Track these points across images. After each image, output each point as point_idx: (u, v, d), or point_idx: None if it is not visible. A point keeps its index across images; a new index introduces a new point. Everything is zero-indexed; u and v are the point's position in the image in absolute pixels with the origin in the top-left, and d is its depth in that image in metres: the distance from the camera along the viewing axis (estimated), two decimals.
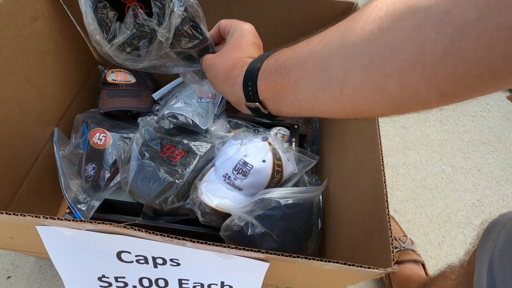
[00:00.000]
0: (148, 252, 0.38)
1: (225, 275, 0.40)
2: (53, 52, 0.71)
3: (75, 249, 0.39)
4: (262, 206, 0.58)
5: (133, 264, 0.39)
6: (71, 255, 0.41)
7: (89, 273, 0.42)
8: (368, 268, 0.31)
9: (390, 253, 0.32)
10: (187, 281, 0.42)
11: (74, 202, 0.64)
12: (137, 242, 0.36)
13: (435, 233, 0.81)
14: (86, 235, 0.35)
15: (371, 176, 0.42)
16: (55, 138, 0.71)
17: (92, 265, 0.41)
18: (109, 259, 0.39)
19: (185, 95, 0.75)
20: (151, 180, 0.63)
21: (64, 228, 0.35)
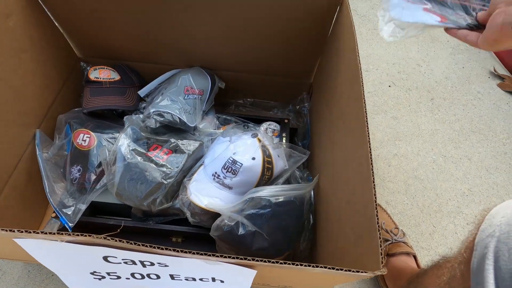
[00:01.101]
0: (134, 257, 0.37)
1: (215, 273, 0.40)
2: (29, 49, 0.67)
3: (60, 254, 0.38)
4: (252, 205, 0.57)
5: (121, 265, 0.39)
6: (57, 259, 0.40)
7: (80, 269, 0.41)
8: (356, 272, 0.31)
9: (379, 255, 0.32)
10: (178, 275, 0.41)
11: (59, 207, 0.63)
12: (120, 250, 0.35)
13: (426, 224, 0.82)
14: (67, 245, 0.34)
15: (360, 175, 0.41)
16: (37, 140, 0.68)
17: (81, 265, 0.40)
18: (96, 261, 0.38)
19: (171, 92, 0.73)
20: (138, 181, 0.61)
21: (42, 240, 0.33)
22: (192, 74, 0.77)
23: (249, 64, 0.83)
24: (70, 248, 0.35)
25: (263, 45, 0.76)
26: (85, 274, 0.42)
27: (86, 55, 0.85)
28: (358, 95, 0.46)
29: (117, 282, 0.42)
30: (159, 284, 0.42)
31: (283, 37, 0.73)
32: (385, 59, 1.16)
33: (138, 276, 0.42)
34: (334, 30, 0.66)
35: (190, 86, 0.75)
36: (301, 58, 0.79)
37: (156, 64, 0.84)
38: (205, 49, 0.79)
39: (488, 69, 1.15)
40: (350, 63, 0.52)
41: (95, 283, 0.42)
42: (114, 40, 0.79)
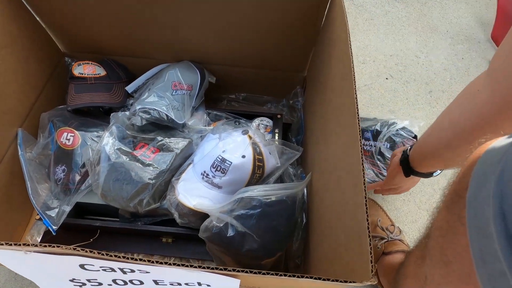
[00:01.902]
0: (113, 265, 0.35)
1: (200, 279, 0.38)
2: (9, 45, 0.64)
3: (35, 264, 0.36)
4: (242, 205, 0.55)
5: (100, 272, 0.37)
6: (32, 268, 0.38)
7: (58, 277, 0.39)
8: (344, 282, 0.29)
9: (369, 264, 0.30)
10: (162, 280, 0.39)
11: (43, 209, 0.61)
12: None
13: (423, 220, 0.80)
14: (41, 254, 0.32)
15: (351, 174, 0.39)
16: (19, 139, 0.66)
17: (59, 273, 0.38)
18: (73, 269, 0.36)
19: (158, 87, 0.70)
20: (124, 182, 0.59)
21: (10, 251, 0.31)
22: (180, 68, 0.74)
23: (241, 58, 0.80)
24: (44, 257, 0.33)
25: (254, 37, 0.73)
26: (64, 282, 0.40)
27: (71, 50, 0.82)
28: (350, 90, 0.43)
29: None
30: None
31: (275, 28, 0.70)
32: (382, 51, 1.12)
33: (121, 282, 0.40)
34: (327, 21, 0.63)
35: (178, 81, 0.72)
36: (294, 50, 0.76)
37: (144, 58, 0.81)
38: (194, 42, 0.76)
39: (488, 60, 1.12)
40: (343, 56, 0.49)
41: None
42: (99, 33, 0.76)
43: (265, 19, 0.68)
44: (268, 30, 0.71)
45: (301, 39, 0.73)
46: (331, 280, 0.29)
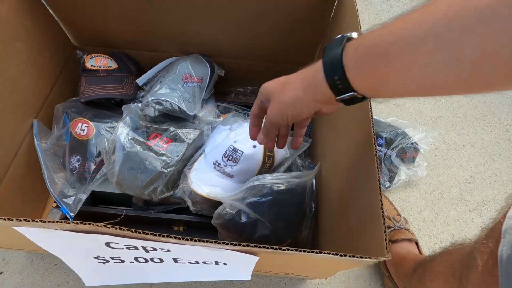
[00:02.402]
0: (136, 243, 0.37)
1: (218, 258, 0.40)
2: (23, 38, 0.66)
3: (62, 241, 0.38)
4: (253, 193, 0.57)
5: (124, 250, 0.38)
6: (60, 245, 0.39)
7: (83, 254, 0.41)
8: (361, 258, 0.30)
9: (383, 241, 0.31)
10: (181, 259, 0.41)
11: (60, 196, 0.62)
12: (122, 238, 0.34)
13: (428, 211, 0.82)
14: (69, 232, 0.34)
15: (363, 162, 0.40)
16: (35, 130, 0.67)
17: (84, 250, 0.40)
18: (98, 247, 0.38)
19: (169, 79, 0.71)
20: (138, 170, 0.60)
21: (42, 229, 0.33)
22: (190, 61, 0.75)
23: (249, 51, 0.81)
24: (72, 235, 0.35)
25: (262, 30, 0.74)
26: (89, 258, 0.42)
27: (82, 43, 0.83)
28: None
29: (121, 265, 0.42)
30: (162, 267, 0.42)
31: (284, 21, 0.71)
32: None
33: (142, 260, 0.42)
34: (336, 13, 0.64)
35: (189, 73, 0.73)
36: (302, 43, 0.77)
37: (154, 51, 0.82)
38: (203, 36, 0.77)
39: None
40: None
41: (99, 266, 0.42)
42: (110, 27, 0.77)
43: (273, 12, 0.69)
44: (276, 23, 0.72)
45: (310, 32, 0.74)
46: (348, 256, 0.30)
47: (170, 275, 0.47)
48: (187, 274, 0.47)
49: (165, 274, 0.46)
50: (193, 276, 0.48)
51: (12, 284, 0.68)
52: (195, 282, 0.69)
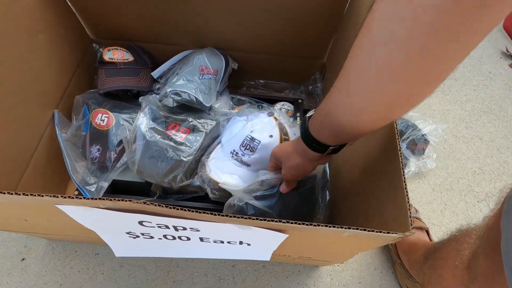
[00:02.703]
0: (168, 222, 0.39)
1: (243, 237, 0.41)
2: (45, 30, 0.67)
3: (97, 217, 0.39)
4: (261, 186, 0.58)
5: (155, 228, 0.40)
6: (95, 220, 0.41)
7: (116, 229, 0.43)
8: (388, 233, 0.32)
9: (408, 218, 0.33)
10: (207, 238, 0.43)
11: (82, 184, 0.64)
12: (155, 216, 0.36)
13: (438, 201, 0.83)
14: (105, 210, 0.36)
15: (384, 146, 0.42)
16: (56, 120, 0.69)
17: (117, 226, 0.42)
18: (132, 224, 0.40)
19: (186, 71, 0.73)
20: (159, 159, 0.62)
21: (82, 206, 0.35)
22: (206, 54, 0.77)
23: (262, 45, 0.83)
24: (108, 213, 0.36)
25: (275, 25, 0.76)
26: (121, 233, 0.43)
27: (98, 36, 0.85)
28: None
29: (150, 241, 0.44)
30: (188, 244, 0.44)
31: (297, 16, 0.73)
32: None
33: (170, 237, 0.44)
34: (351, 6, 0.66)
35: (205, 66, 0.75)
36: (314, 37, 0.79)
37: (167, 45, 0.84)
38: (216, 29, 0.79)
39: (499, 49, 1.14)
40: None
41: (130, 241, 0.44)
42: (126, 20, 0.79)
43: (286, 6, 0.71)
44: (289, 17, 0.73)
45: (322, 26, 0.75)
46: (376, 231, 0.32)
47: (194, 252, 0.49)
48: (211, 252, 0.49)
49: (190, 251, 0.48)
50: (215, 254, 0.50)
51: (34, 270, 0.70)
52: (213, 263, 0.71)
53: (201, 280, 0.70)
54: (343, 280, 0.71)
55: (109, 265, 0.71)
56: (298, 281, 0.71)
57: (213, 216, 0.33)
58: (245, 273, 0.71)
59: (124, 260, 0.71)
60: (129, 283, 0.69)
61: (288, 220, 0.33)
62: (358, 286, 0.71)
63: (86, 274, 0.70)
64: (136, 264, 0.71)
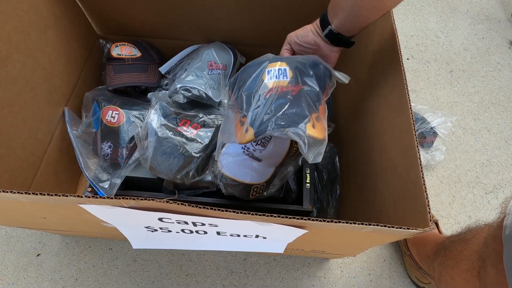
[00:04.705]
0: (187, 219, 0.39)
1: (259, 232, 0.42)
2: (54, 26, 0.67)
3: (120, 214, 0.40)
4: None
5: (174, 224, 0.41)
6: (117, 217, 0.42)
7: (135, 224, 0.44)
8: (407, 229, 0.33)
9: (427, 213, 0.33)
10: (224, 232, 0.44)
11: (95, 181, 0.65)
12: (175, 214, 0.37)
13: (446, 194, 0.84)
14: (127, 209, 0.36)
15: (400, 141, 0.42)
16: (66, 118, 0.70)
17: (137, 222, 0.43)
18: (151, 220, 0.40)
19: (195, 67, 0.73)
20: (171, 155, 0.62)
21: (105, 205, 0.35)
22: (215, 48, 0.76)
23: (269, 38, 0.82)
24: (129, 210, 0.37)
25: (283, 17, 0.75)
26: (140, 227, 0.44)
27: (105, 32, 0.84)
28: (395, 64, 0.46)
29: (168, 234, 0.45)
30: (205, 238, 0.45)
31: (304, 9, 0.72)
32: (403, 31, 1.13)
33: (187, 231, 0.45)
34: None
35: (214, 61, 0.74)
36: None
37: (174, 40, 0.83)
38: (224, 24, 0.78)
39: (508, 39, 1.13)
40: (384, 31, 0.51)
41: (148, 234, 0.45)
42: (132, 16, 0.78)
43: (294, 0, 0.70)
44: (297, 10, 0.73)
45: None
46: (396, 227, 0.32)
47: (209, 245, 0.51)
48: (225, 245, 0.50)
49: (205, 244, 0.50)
50: (230, 246, 0.51)
51: (50, 265, 0.71)
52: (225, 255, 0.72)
53: (213, 273, 0.71)
54: (353, 272, 0.72)
55: (123, 259, 0.72)
56: (309, 273, 0.72)
57: (236, 213, 0.34)
58: (257, 266, 0.73)
59: (137, 255, 0.73)
60: (143, 277, 0.70)
61: (309, 217, 0.33)
62: (368, 277, 0.72)
63: (101, 268, 0.71)
64: (149, 258, 0.72)
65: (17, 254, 0.72)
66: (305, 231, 0.37)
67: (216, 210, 0.33)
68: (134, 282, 0.70)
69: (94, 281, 0.70)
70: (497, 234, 0.38)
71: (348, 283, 0.71)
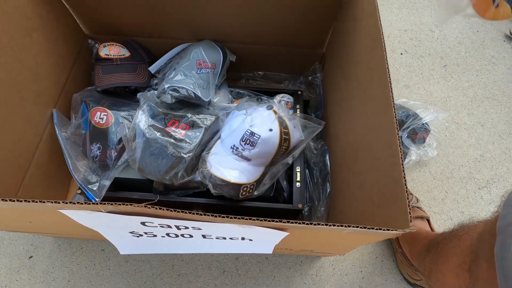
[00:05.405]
0: (170, 222, 0.39)
1: (245, 234, 0.42)
2: (40, 28, 0.66)
3: (101, 219, 0.40)
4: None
5: (158, 228, 0.41)
6: (98, 222, 0.42)
7: (119, 229, 0.44)
8: (387, 230, 0.32)
9: (407, 214, 0.33)
10: (210, 235, 0.44)
11: (84, 183, 0.65)
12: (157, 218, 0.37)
13: (438, 189, 0.84)
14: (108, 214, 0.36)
15: (384, 139, 0.42)
16: (55, 120, 0.69)
17: (120, 227, 0.42)
18: (134, 225, 0.40)
19: (184, 66, 0.72)
20: (159, 156, 0.62)
21: (84, 211, 0.35)
22: (203, 47, 0.76)
23: (259, 35, 0.81)
24: (110, 215, 0.37)
25: (273, 15, 0.74)
26: (125, 233, 0.44)
27: (93, 32, 0.83)
28: (380, 62, 0.45)
29: (153, 239, 0.45)
30: (191, 241, 0.45)
31: (295, 5, 0.71)
32: (397, 26, 1.12)
33: (173, 235, 0.45)
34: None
35: (202, 60, 0.74)
36: (313, 27, 0.77)
37: (164, 38, 0.82)
38: (214, 21, 0.77)
39: (503, 32, 1.12)
40: (370, 29, 0.51)
41: (133, 239, 0.45)
42: (120, 15, 0.77)
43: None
44: (287, 7, 0.72)
45: (321, 16, 0.74)
46: (375, 229, 0.32)
47: (198, 248, 0.51)
48: (214, 247, 0.50)
49: (193, 247, 0.50)
50: (219, 249, 0.51)
51: (42, 267, 0.71)
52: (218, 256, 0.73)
53: (205, 273, 0.72)
54: (345, 269, 0.73)
55: (115, 260, 0.72)
56: (300, 271, 0.72)
57: (214, 217, 0.33)
58: (249, 265, 0.73)
59: (129, 256, 0.73)
60: (135, 278, 0.71)
61: (288, 220, 0.33)
62: (360, 274, 0.72)
63: (93, 269, 0.71)
64: (141, 259, 0.72)
65: (9, 257, 0.72)
66: (286, 233, 0.37)
67: (194, 214, 0.33)
68: (127, 283, 0.70)
69: (86, 283, 0.70)
70: (493, 227, 0.38)
71: (340, 281, 0.71)
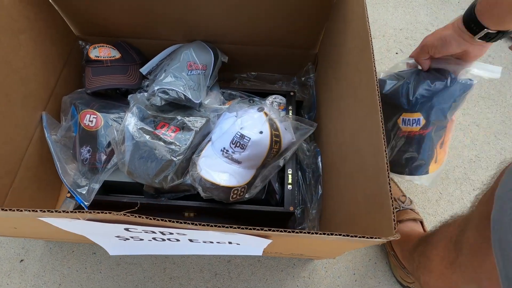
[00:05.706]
0: (154, 228, 0.39)
1: (231, 239, 0.42)
2: (27, 30, 0.66)
3: (85, 226, 0.40)
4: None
5: (142, 233, 0.41)
6: (82, 228, 0.41)
7: (105, 234, 0.44)
8: (370, 238, 0.32)
9: (392, 221, 0.33)
10: (197, 239, 0.43)
11: (73, 187, 0.64)
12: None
13: (433, 191, 0.83)
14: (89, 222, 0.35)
15: (371, 143, 0.41)
16: (44, 123, 0.69)
17: (105, 232, 0.42)
18: (118, 230, 0.40)
19: (174, 68, 0.71)
20: (149, 159, 0.62)
21: (64, 219, 0.34)
22: (194, 48, 0.75)
23: (252, 36, 0.80)
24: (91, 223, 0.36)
25: (266, 15, 0.73)
26: (111, 237, 0.44)
27: (84, 34, 0.83)
28: (368, 64, 0.44)
29: (141, 242, 0.45)
30: (179, 244, 0.45)
31: (287, 6, 0.70)
32: (392, 25, 1.11)
33: (159, 239, 0.44)
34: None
35: (193, 61, 0.73)
36: (305, 27, 0.76)
37: (155, 39, 0.82)
38: (206, 22, 0.76)
39: None
40: (359, 30, 0.50)
41: (121, 243, 0.45)
42: (111, 16, 0.76)
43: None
44: (279, 7, 0.71)
45: (313, 16, 0.73)
46: (358, 237, 0.32)
47: (187, 249, 0.50)
48: (204, 250, 0.50)
49: (183, 249, 0.49)
50: (208, 251, 0.51)
51: (33, 270, 0.71)
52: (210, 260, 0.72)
53: (197, 276, 0.71)
54: (338, 272, 0.72)
55: (107, 263, 0.72)
56: (293, 274, 0.72)
57: (194, 225, 0.33)
58: (241, 267, 0.72)
59: (121, 259, 0.72)
60: (126, 281, 0.70)
61: (270, 228, 0.32)
62: (353, 277, 0.72)
63: (84, 273, 0.71)
64: (132, 262, 0.72)
65: (0, 260, 0.71)
66: (269, 241, 0.36)
67: (174, 222, 0.32)
68: (118, 286, 0.70)
69: (77, 286, 0.70)
70: (488, 196, 0.38)
71: (332, 283, 0.71)
